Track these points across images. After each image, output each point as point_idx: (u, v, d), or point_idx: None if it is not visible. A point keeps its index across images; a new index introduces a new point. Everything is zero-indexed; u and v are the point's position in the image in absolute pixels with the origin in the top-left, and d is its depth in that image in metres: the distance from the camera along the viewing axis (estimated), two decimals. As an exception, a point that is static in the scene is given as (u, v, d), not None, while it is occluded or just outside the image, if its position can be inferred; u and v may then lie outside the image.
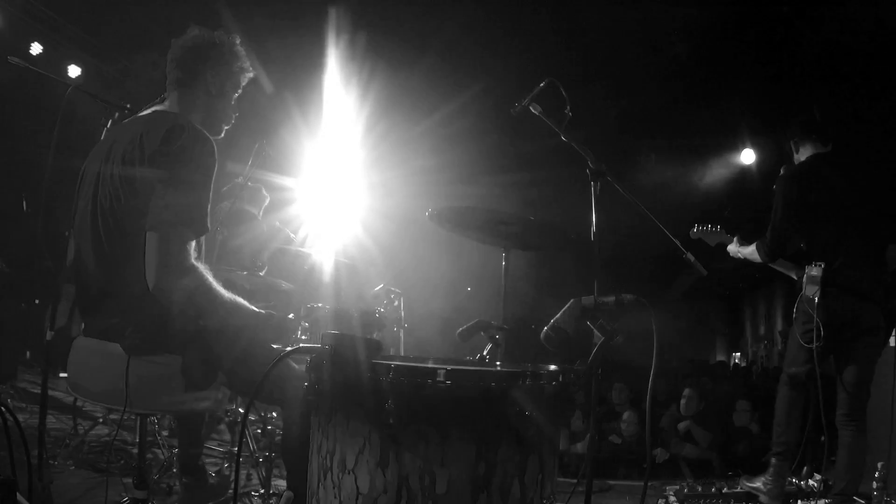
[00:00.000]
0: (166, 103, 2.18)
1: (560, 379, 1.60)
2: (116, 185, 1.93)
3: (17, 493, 1.60)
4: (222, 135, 2.27)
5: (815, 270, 3.12)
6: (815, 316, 3.07)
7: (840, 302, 3.10)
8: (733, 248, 3.67)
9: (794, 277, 3.38)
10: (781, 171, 3.46)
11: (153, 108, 2.17)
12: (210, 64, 2.13)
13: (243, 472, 3.68)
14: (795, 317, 3.29)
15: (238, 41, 2.22)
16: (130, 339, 1.92)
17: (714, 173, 8.83)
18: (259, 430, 3.95)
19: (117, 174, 1.93)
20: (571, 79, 2.57)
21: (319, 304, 2.96)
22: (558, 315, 1.86)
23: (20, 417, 1.76)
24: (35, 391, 4.90)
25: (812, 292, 3.09)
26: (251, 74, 2.30)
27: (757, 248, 3.40)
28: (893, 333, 3.80)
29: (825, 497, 3.34)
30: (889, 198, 3.37)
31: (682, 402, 5.77)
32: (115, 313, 1.97)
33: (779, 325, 15.77)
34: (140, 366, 1.90)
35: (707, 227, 3.76)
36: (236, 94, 2.27)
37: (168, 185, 1.86)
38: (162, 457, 3.55)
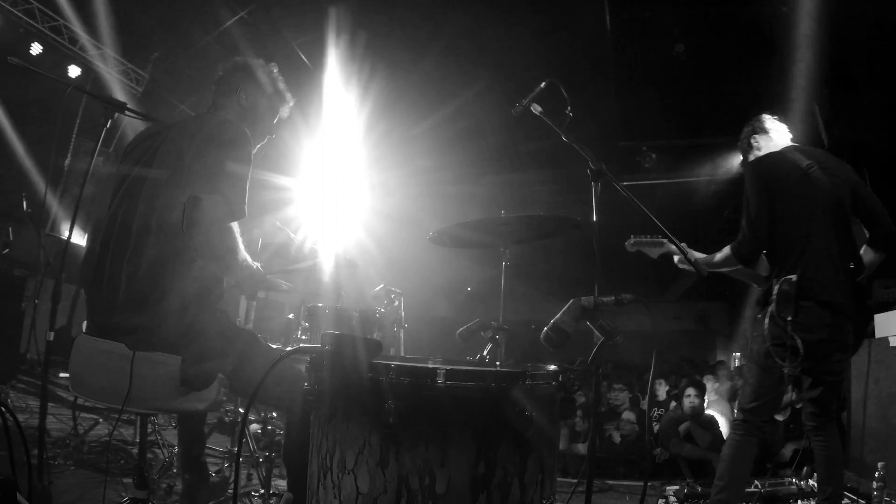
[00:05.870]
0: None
1: (560, 379, 1.61)
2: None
3: (17, 493, 1.60)
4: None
5: (786, 286, 2.69)
6: (791, 334, 2.62)
7: (816, 318, 2.67)
8: (701, 258, 3.04)
9: (756, 286, 2.91)
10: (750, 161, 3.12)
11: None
12: (243, 84, 2.38)
13: (243, 472, 3.68)
14: (755, 335, 2.81)
15: (275, 70, 2.46)
16: (136, 334, 1.93)
17: (714, 173, 8.82)
18: (259, 430, 3.95)
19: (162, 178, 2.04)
20: (572, 78, 2.57)
21: (320, 305, 2.95)
22: (558, 315, 1.86)
23: (20, 417, 1.76)
24: (35, 391, 4.91)
25: (786, 311, 2.66)
26: (290, 103, 2.51)
27: (732, 249, 2.92)
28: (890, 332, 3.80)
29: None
30: (864, 197, 2.89)
31: (686, 401, 5.76)
32: (131, 310, 1.98)
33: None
34: (141, 365, 1.91)
35: (646, 238, 3.19)
36: (274, 119, 2.49)
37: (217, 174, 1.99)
38: (162, 457, 3.55)
